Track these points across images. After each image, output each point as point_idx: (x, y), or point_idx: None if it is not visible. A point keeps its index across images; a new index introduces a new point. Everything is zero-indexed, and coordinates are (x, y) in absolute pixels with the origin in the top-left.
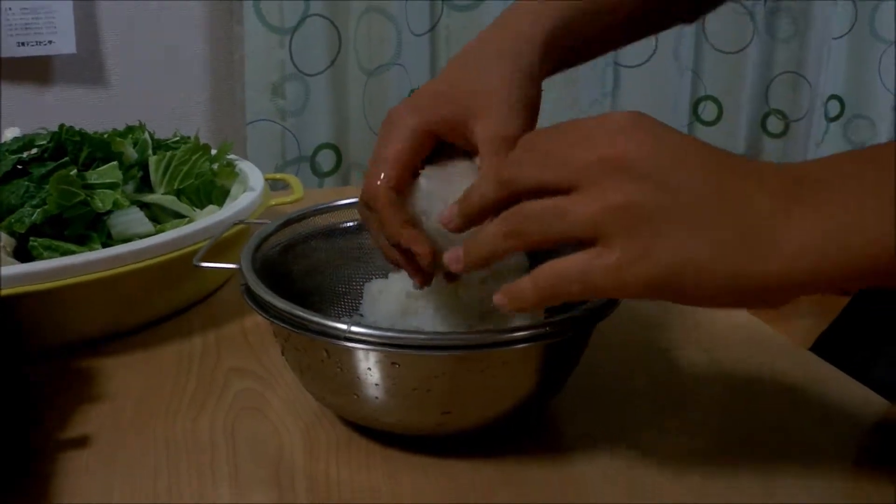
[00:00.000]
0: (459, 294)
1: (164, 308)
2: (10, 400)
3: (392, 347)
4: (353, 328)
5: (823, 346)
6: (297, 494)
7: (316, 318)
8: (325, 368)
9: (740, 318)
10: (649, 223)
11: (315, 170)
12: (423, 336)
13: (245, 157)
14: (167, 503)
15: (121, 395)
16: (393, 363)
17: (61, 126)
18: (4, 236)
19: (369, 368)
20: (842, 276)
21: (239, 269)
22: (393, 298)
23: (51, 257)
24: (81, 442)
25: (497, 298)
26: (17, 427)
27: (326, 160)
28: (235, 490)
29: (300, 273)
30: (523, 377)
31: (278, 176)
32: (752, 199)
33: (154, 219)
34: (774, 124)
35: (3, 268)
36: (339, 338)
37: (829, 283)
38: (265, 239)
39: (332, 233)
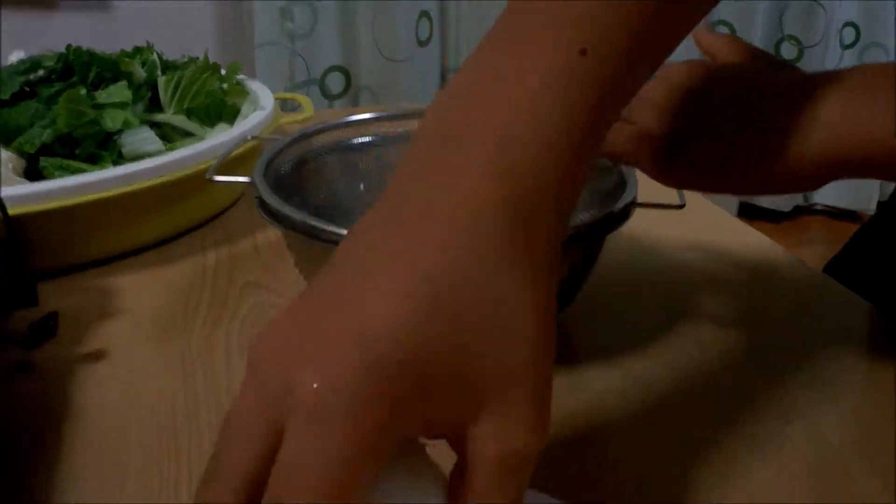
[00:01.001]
0: None
1: (176, 226)
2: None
3: None
4: None
5: (835, 270)
6: None
7: (329, 227)
8: None
9: (753, 238)
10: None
11: (324, 92)
12: None
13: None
14: (184, 421)
15: (136, 310)
16: None
17: (68, 47)
18: (14, 156)
19: None
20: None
21: (252, 183)
22: None
23: (62, 177)
24: (98, 356)
25: None
26: (35, 343)
27: (335, 83)
28: None
29: (313, 188)
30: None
31: (288, 95)
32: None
33: (164, 138)
34: (789, 50)
35: (14, 187)
36: None
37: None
38: (278, 153)
39: (345, 148)
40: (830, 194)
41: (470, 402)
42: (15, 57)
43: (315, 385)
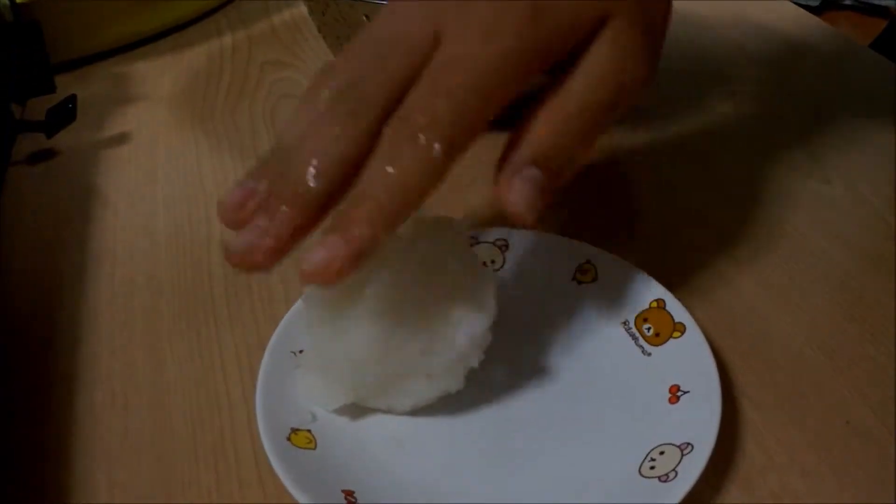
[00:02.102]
0: None
1: (190, 9)
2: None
3: None
4: None
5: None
6: None
7: None
8: None
9: (790, 8)
10: None
11: None
12: None
13: None
14: (215, 194)
15: (155, 94)
16: None
17: None
18: None
19: None
20: None
21: None
22: None
23: None
24: (120, 139)
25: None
26: (54, 129)
27: None
28: None
29: None
30: None
31: None
32: None
33: None
34: None
35: None
36: None
37: None
38: None
39: None
40: None
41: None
42: None
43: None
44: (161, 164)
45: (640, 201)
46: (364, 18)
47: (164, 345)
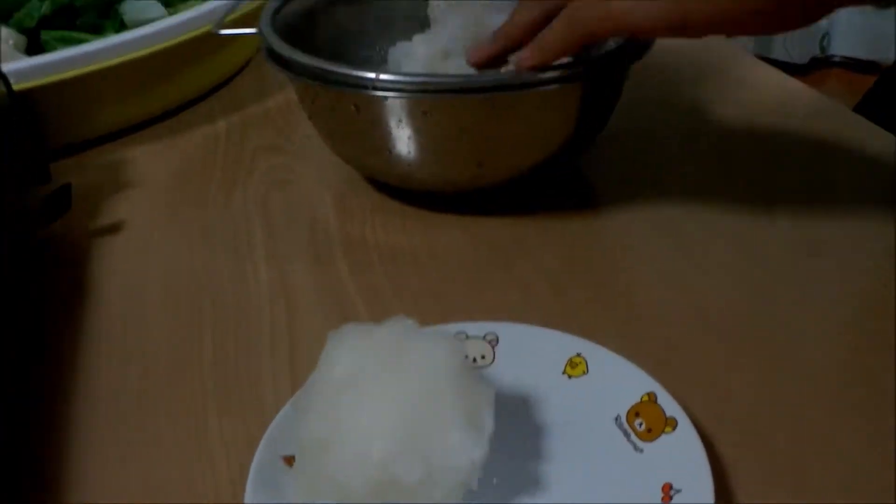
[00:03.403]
0: None
1: (184, 94)
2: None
3: (423, 93)
4: (382, 76)
5: (864, 109)
6: (335, 258)
7: (343, 70)
8: (355, 126)
9: (779, 78)
10: None
11: None
12: (454, 79)
13: None
14: (206, 280)
15: (150, 181)
16: (424, 112)
17: None
18: (14, 33)
19: (400, 120)
20: None
21: (259, 32)
22: (418, 61)
23: (65, 49)
24: (115, 228)
25: (523, 57)
26: (48, 217)
27: None
28: (272, 259)
29: (323, 39)
30: (558, 121)
31: None
32: None
33: (167, 4)
34: None
35: (16, 62)
36: (367, 87)
37: None
38: (285, 2)
39: None
40: (848, 44)
41: None
42: None
43: None
44: (153, 253)
45: (630, 289)
46: (353, 108)
47: (152, 433)
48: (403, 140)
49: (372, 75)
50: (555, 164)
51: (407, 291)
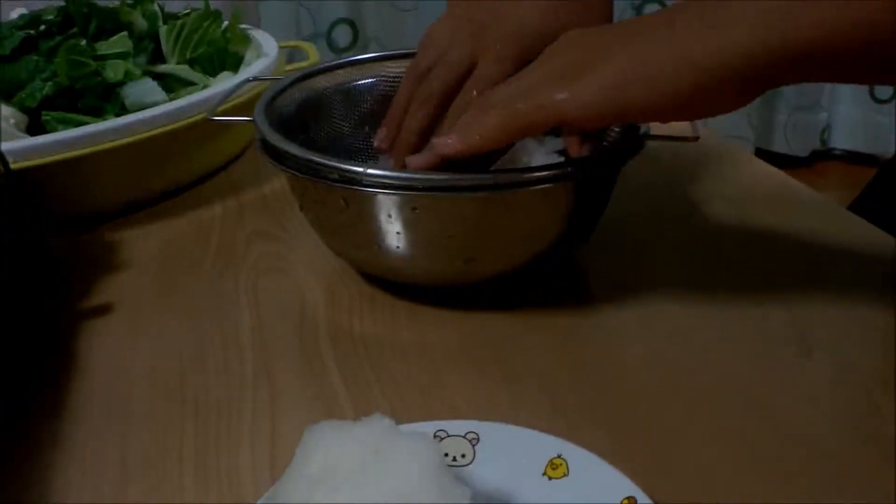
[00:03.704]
0: None
1: (182, 177)
2: (31, 270)
3: (411, 190)
4: (370, 171)
5: (857, 210)
6: (322, 349)
7: (332, 163)
8: (344, 219)
9: (769, 172)
10: (594, 55)
11: (331, 46)
12: (443, 177)
13: None
14: (191, 365)
15: (142, 264)
16: (413, 208)
17: None
18: (16, 112)
19: (389, 215)
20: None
21: (253, 122)
22: None
23: (64, 130)
24: (105, 309)
25: (446, 144)
26: (40, 297)
27: (342, 35)
28: (259, 348)
29: (317, 130)
30: (548, 221)
31: (292, 43)
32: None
33: (168, 89)
34: None
35: (15, 141)
36: (356, 182)
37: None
38: (279, 93)
39: (349, 89)
40: (848, 138)
41: None
42: (15, 13)
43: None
44: (141, 336)
45: (620, 390)
46: (342, 202)
47: None
48: (392, 235)
49: (360, 170)
50: (546, 260)
51: (392, 385)
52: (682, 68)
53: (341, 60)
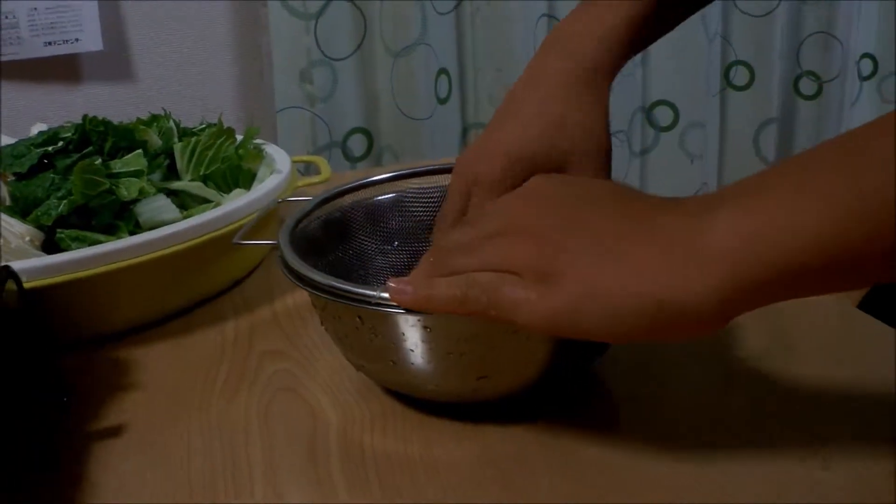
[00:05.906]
0: None
1: (194, 295)
2: (43, 390)
3: (422, 311)
4: (381, 293)
5: (866, 308)
6: (332, 471)
7: (346, 286)
8: (360, 335)
9: None
10: (553, 261)
11: (347, 155)
12: None
13: (276, 145)
14: (201, 492)
15: (154, 384)
16: (425, 327)
17: (85, 117)
18: (32, 230)
19: (403, 333)
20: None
21: (277, 245)
22: None
23: (79, 248)
24: (115, 431)
25: (401, 290)
26: (50, 417)
27: (357, 145)
28: (269, 472)
29: (341, 248)
30: (560, 338)
31: (305, 158)
32: (665, 221)
33: (182, 206)
34: (808, 86)
35: (31, 260)
36: (368, 303)
37: (765, 291)
38: (303, 217)
39: (372, 207)
40: None
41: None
42: (36, 129)
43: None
44: (151, 458)
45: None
46: (357, 319)
47: None
48: (405, 351)
49: (372, 293)
50: (562, 375)
51: None
52: (646, 306)
53: (361, 181)
